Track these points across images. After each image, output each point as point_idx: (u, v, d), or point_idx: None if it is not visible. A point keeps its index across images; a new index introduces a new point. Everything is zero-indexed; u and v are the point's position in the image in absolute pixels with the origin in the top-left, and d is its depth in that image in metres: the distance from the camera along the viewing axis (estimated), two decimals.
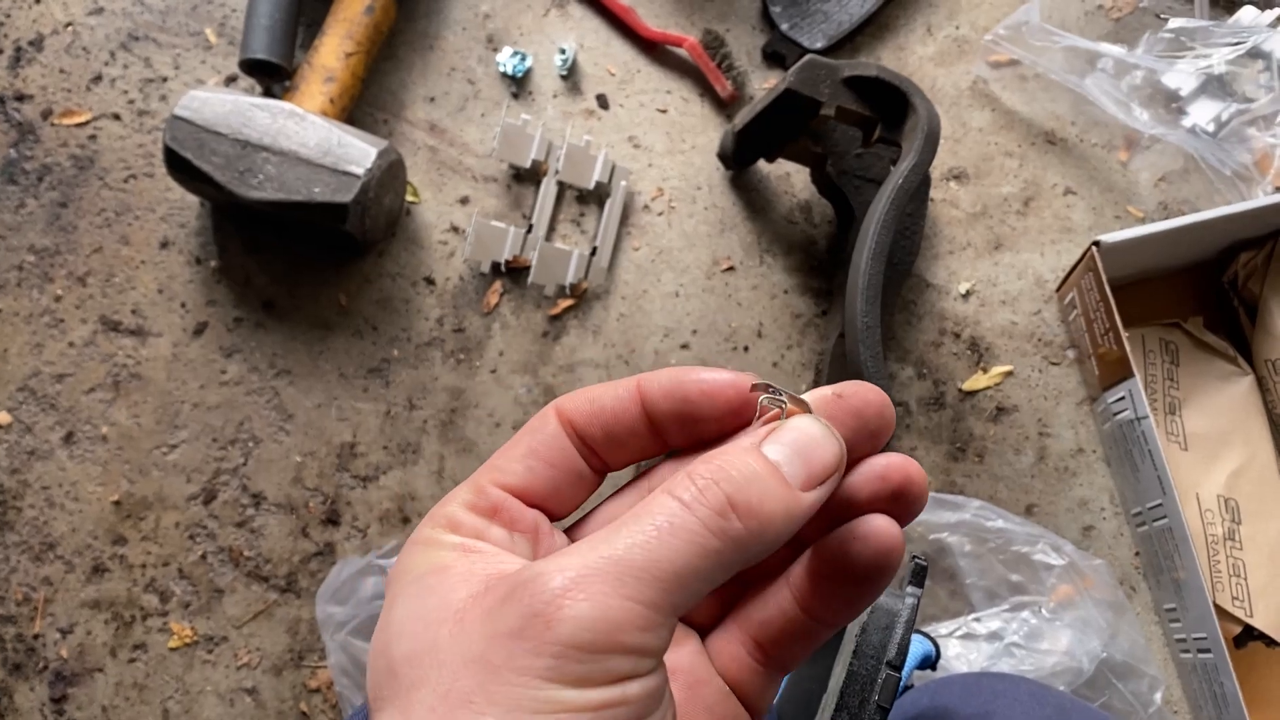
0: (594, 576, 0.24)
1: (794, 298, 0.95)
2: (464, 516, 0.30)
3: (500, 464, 0.31)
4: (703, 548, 0.25)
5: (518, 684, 0.23)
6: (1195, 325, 0.90)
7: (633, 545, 0.24)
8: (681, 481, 0.26)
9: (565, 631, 0.23)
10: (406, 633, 0.26)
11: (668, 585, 0.24)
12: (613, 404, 0.31)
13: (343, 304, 0.95)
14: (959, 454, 0.92)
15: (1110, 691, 0.84)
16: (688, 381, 0.30)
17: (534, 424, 0.31)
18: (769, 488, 0.26)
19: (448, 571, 0.27)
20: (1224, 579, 0.84)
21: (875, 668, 0.49)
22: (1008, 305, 0.95)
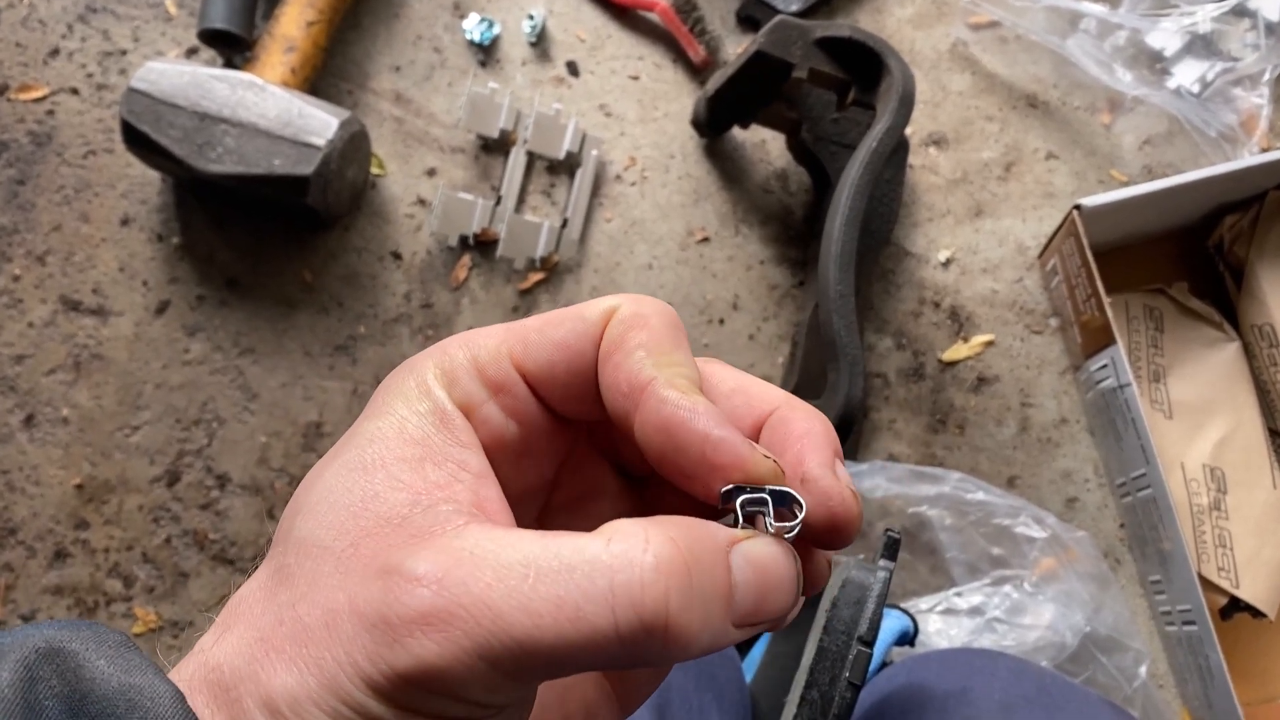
0: (459, 620, 0.21)
1: (770, 268, 0.93)
2: (466, 377, 0.26)
3: (531, 339, 0.27)
4: (601, 653, 0.21)
5: (344, 672, 0.22)
6: (1180, 291, 0.87)
7: (522, 610, 0.21)
8: (629, 552, 0.21)
9: (400, 661, 0.21)
10: (320, 511, 0.24)
11: (538, 667, 0.21)
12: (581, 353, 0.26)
13: (307, 280, 0.92)
14: (939, 426, 0.90)
15: (1094, 666, 0.82)
16: (699, 431, 0.24)
17: (585, 316, 0.26)
18: (714, 615, 0.22)
19: (398, 449, 0.25)
20: (1210, 550, 0.82)
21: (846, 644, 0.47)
22: (989, 273, 0.93)
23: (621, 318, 0.26)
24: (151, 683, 0.23)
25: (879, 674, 0.65)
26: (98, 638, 0.23)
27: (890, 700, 0.59)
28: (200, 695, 0.23)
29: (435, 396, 0.26)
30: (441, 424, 0.25)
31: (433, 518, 0.23)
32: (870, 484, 0.83)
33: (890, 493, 0.84)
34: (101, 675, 0.22)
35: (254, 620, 0.24)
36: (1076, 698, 0.57)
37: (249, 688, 0.23)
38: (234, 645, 0.23)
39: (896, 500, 0.84)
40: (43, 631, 0.23)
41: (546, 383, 0.27)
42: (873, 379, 0.91)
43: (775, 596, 0.23)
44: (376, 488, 0.24)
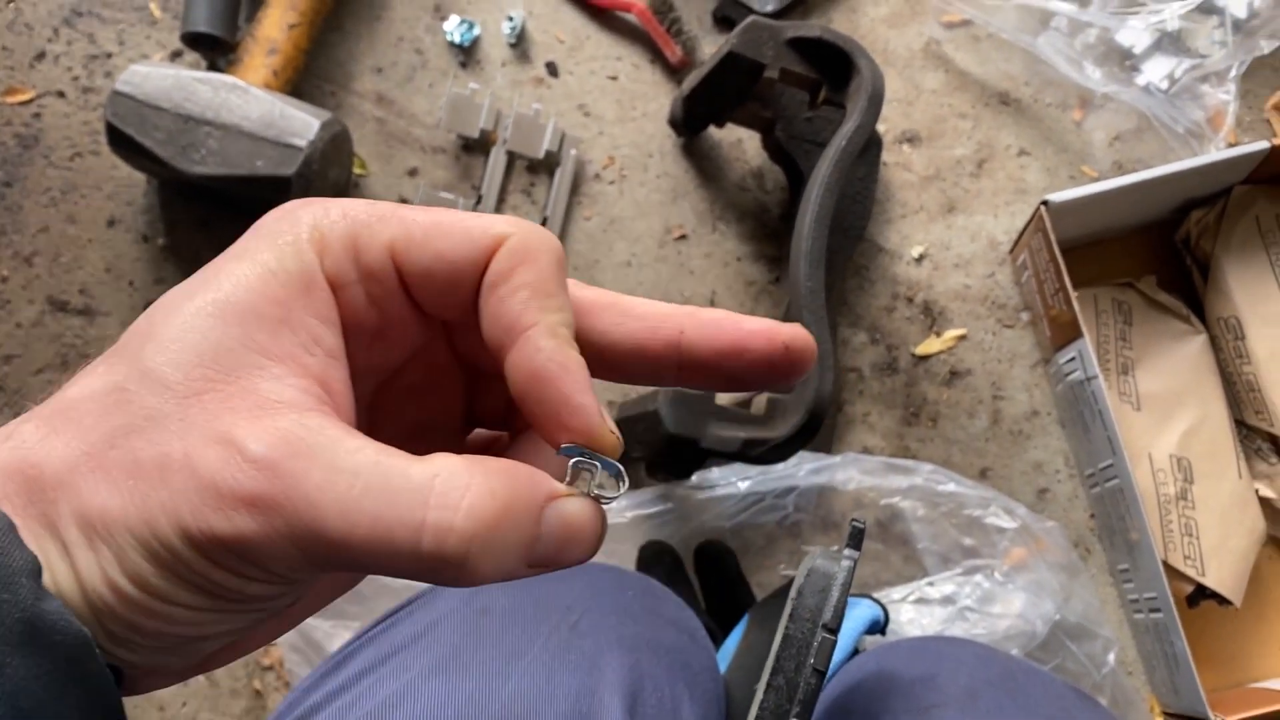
0: (282, 510, 0.22)
1: (747, 265, 0.95)
2: (341, 250, 0.26)
3: (415, 239, 0.26)
4: (397, 567, 0.23)
5: (163, 514, 0.23)
6: (1148, 284, 0.89)
7: (340, 516, 0.23)
8: (449, 495, 0.23)
9: (220, 527, 0.23)
10: (170, 341, 0.25)
11: (343, 562, 0.23)
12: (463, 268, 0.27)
13: None
14: (912, 419, 0.92)
15: (1064, 653, 0.84)
16: (559, 391, 0.26)
17: (472, 234, 0.26)
18: (507, 560, 0.24)
19: (258, 301, 0.25)
20: (1176, 538, 0.84)
21: (811, 631, 0.49)
22: (961, 268, 0.94)
23: (511, 248, 0.26)
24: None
25: (849, 662, 0.66)
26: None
27: (859, 687, 0.60)
28: (13, 484, 0.24)
29: (306, 259, 0.26)
30: (305, 290, 0.26)
31: (279, 389, 0.24)
32: (843, 476, 0.85)
33: (863, 485, 0.85)
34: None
35: (83, 433, 0.24)
36: (1041, 682, 0.58)
37: (67, 495, 0.24)
38: (59, 450, 0.24)
39: (870, 492, 0.86)
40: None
41: (418, 283, 0.27)
42: (847, 373, 0.92)
43: (574, 550, 0.25)
44: (230, 341, 0.24)
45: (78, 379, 0.26)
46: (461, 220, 0.27)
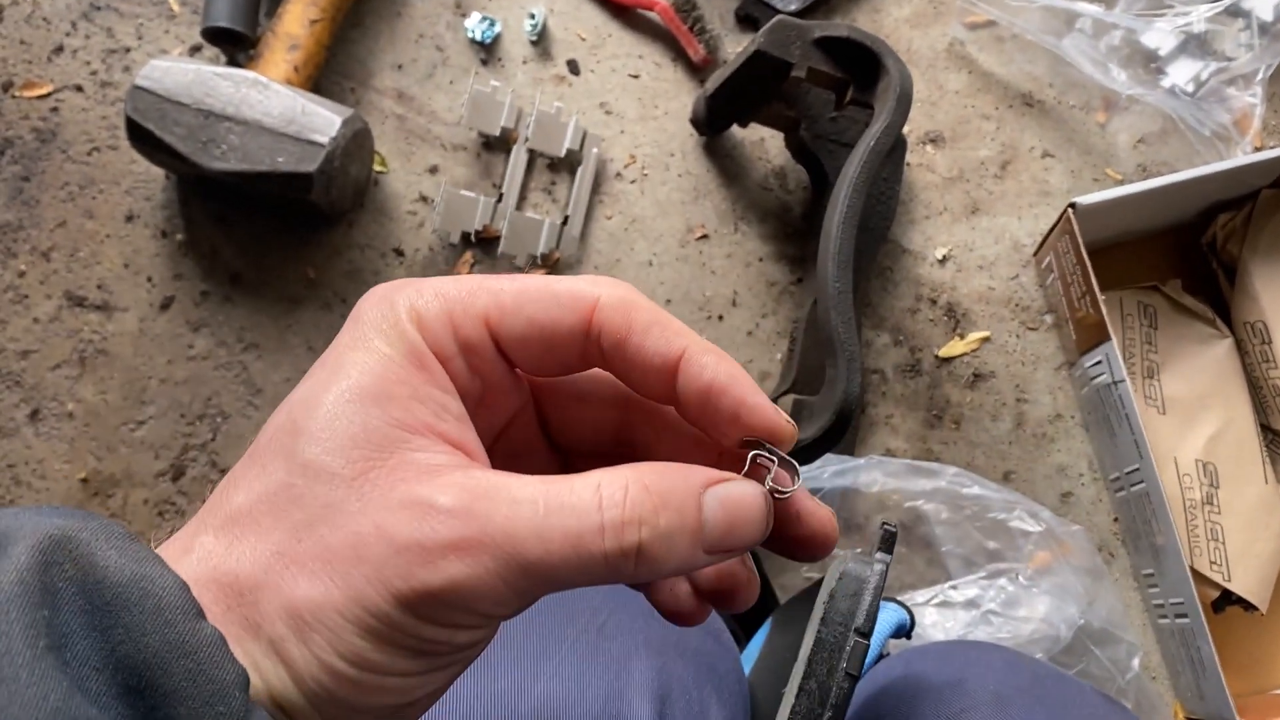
0: (486, 547, 0.25)
1: (769, 265, 0.94)
2: (439, 327, 0.28)
3: (507, 308, 0.29)
4: (588, 570, 0.26)
5: (373, 587, 0.25)
6: (1174, 288, 0.89)
7: (536, 538, 0.25)
8: (613, 493, 0.26)
9: (433, 580, 0.24)
10: (321, 436, 0.26)
11: (544, 583, 0.26)
12: (555, 332, 0.29)
13: (310, 276, 0.93)
14: (935, 421, 0.91)
15: (1088, 658, 0.83)
16: (734, 396, 0.28)
17: (560, 300, 0.29)
18: (679, 545, 0.27)
19: (384, 383, 0.27)
20: (1202, 544, 0.83)
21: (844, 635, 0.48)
22: (985, 270, 0.94)
23: (612, 304, 0.29)
24: (161, 573, 0.24)
25: (876, 665, 0.66)
26: (105, 529, 0.25)
27: (887, 691, 0.60)
28: (209, 594, 0.25)
29: (413, 339, 0.28)
30: (421, 367, 0.28)
31: (431, 457, 0.26)
32: (867, 478, 0.85)
33: (887, 487, 0.85)
34: (113, 564, 0.24)
35: (265, 534, 0.26)
36: (1069, 689, 0.58)
37: (268, 595, 0.25)
38: (248, 555, 0.26)
39: (893, 495, 0.85)
40: (51, 519, 0.24)
41: (515, 348, 0.29)
42: (870, 375, 0.92)
43: (744, 530, 0.28)
44: (376, 421, 0.26)
45: (233, 485, 0.27)
46: (547, 285, 0.29)
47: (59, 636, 0.22)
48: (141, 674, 0.23)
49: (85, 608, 0.23)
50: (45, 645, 0.22)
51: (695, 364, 0.28)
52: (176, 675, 0.23)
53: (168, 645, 0.23)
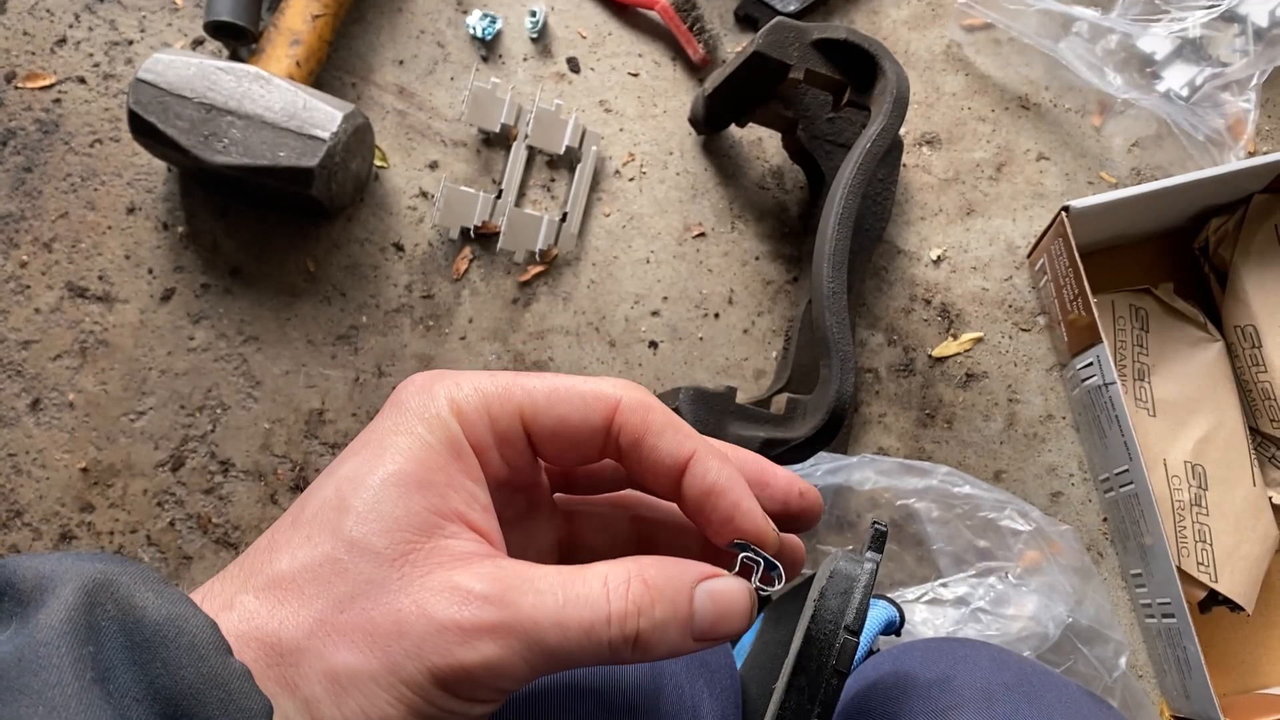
0: (516, 632, 0.28)
1: (765, 264, 0.95)
2: (477, 418, 0.31)
3: (540, 405, 0.32)
4: (594, 654, 0.29)
5: (412, 661, 0.27)
6: (1165, 291, 0.89)
7: (556, 626, 0.28)
8: (617, 586, 0.29)
9: (469, 659, 0.27)
10: (363, 513, 0.29)
11: (554, 663, 0.29)
12: (581, 428, 0.33)
13: (311, 270, 0.94)
14: (928, 420, 0.92)
15: (1075, 656, 0.84)
16: (730, 500, 0.33)
17: (586, 399, 0.32)
18: (671, 633, 0.30)
19: (422, 469, 0.30)
20: (1190, 545, 0.84)
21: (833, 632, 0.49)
22: (979, 271, 0.94)
23: (631, 406, 0.32)
24: (193, 613, 0.26)
25: (865, 662, 0.66)
26: (142, 573, 0.27)
27: (875, 687, 0.60)
28: (251, 651, 0.28)
29: (452, 430, 0.31)
30: (458, 457, 0.30)
31: (462, 545, 0.29)
32: (859, 476, 0.85)
33: (879, 485, 0.86)
34: (150, 605, 0.26)
35: (308, 601, 0.28)
36: (1055, 686, 0.58)
37: (309, 659, 0.27)
38: (291, 620, 0.28)
39: (885, 493, 0.86)
40: (93, 564, 0.27)
41: (544, 442, 0.33)
42: (864, 374, 0.93)
43: (730, 622, 0.31)
44: (417, 508, 0.29)
45: (276, 549, 0.30)
46: (575, 386, 0.32)
47: (103, 670, 0.24)
48: (178, 704, 0.25)
49: (126, 645, 0.25)
50: (91, 678, 0.24)
51: (701, 466, 0.32)
52: (209, 704, 0.25)
53: (201, 677, 0.25)
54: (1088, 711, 0.56)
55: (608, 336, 0.94)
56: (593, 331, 0.94)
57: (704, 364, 0.94)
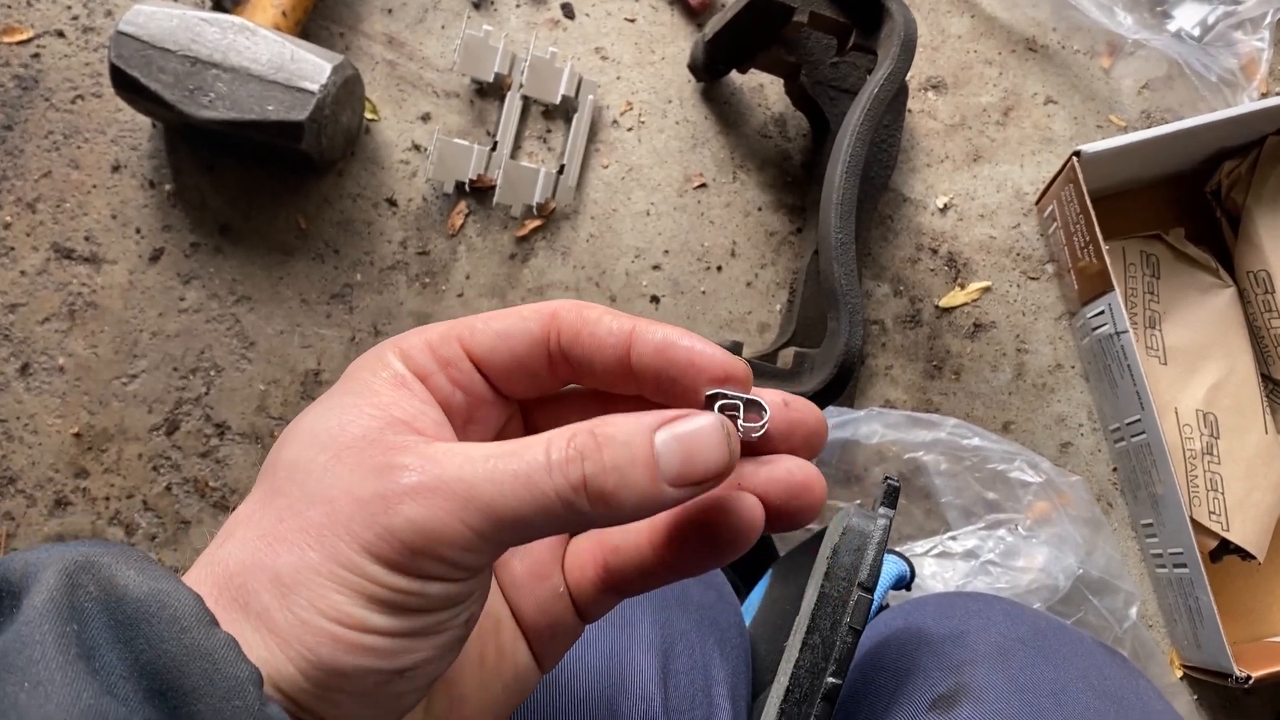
0: (442, 490, 0.26)
1: (768, 215, 0.93)
2: (419, 353, 0.31)
3: (477, 327, 0.32)
4: (545, 509, 0.27)
5: (344, 541, 0.26)
6: (1177, 237, 0.88)
7: (488, 480, 0.27)
8: (559, 439, 0.28)
9: (395, 523, 0.26)
10: (303, 441, 0.29)
11: (501, 525, 0.27)
12: (521, 340, 0.32)
13: (302, 227, 0.92)
14: (935, 372, 0.91)
15: (1086, 607, 0.83)
16: (684, 344, 0.30)
17: (524, 314, 0.32)
18: (631, 477, 0.28)
19: (367, 398, 0.29)
20: (1201, 493, 0.83)
21: (847, 589, 0.48)
22: (986, 219, 0.93)
23: (565, 308, 0.31)
24: (175, 587, 0.26)
25: (876, 618, 0.66)
26: (123, 553, 0.27)
27: (888, 643, 0.60)
28: (206, 588, 0.27)
29: (394, 367, 0.30)
30: (401, 385, 0.30)
31: (403, 439, 0.28)
32: (867, 430, 0.84)
33: (886, 439, 0.84)
34: (132, 582, 0.26)
35: (251, 528, 0.28)
36: (1070, 640, 0.58)
37: (254, 574, 0.27)
38: (237, 546, 0.28)
39: (893, 446, 0.85)
40: (75, 548, 0.26)
41: (487, 363, 0.32)
42: (870, 326, 0.91)
43: (703, 458, 0.28)
44: (351, 416, 0.29)
45: (237, 510, 0.30)
46: (517, 309, 0.32)
47: (87, 648, 0.24)
48: (164, 677, 0.24)
49: (109, 622, 0.25)
50: (76, 654, 0.24)
51: (645, 332, 0.30)
52: (195, 676, 0.25)
53: (185, 650, 0.25)
54: (1103, 664, 0.56)
55: (608, 291, 0.92)
56: (592, 286, 0.92)
57: (707, 318, 0.92)
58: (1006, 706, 0.51)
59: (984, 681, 0.52)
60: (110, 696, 0.24)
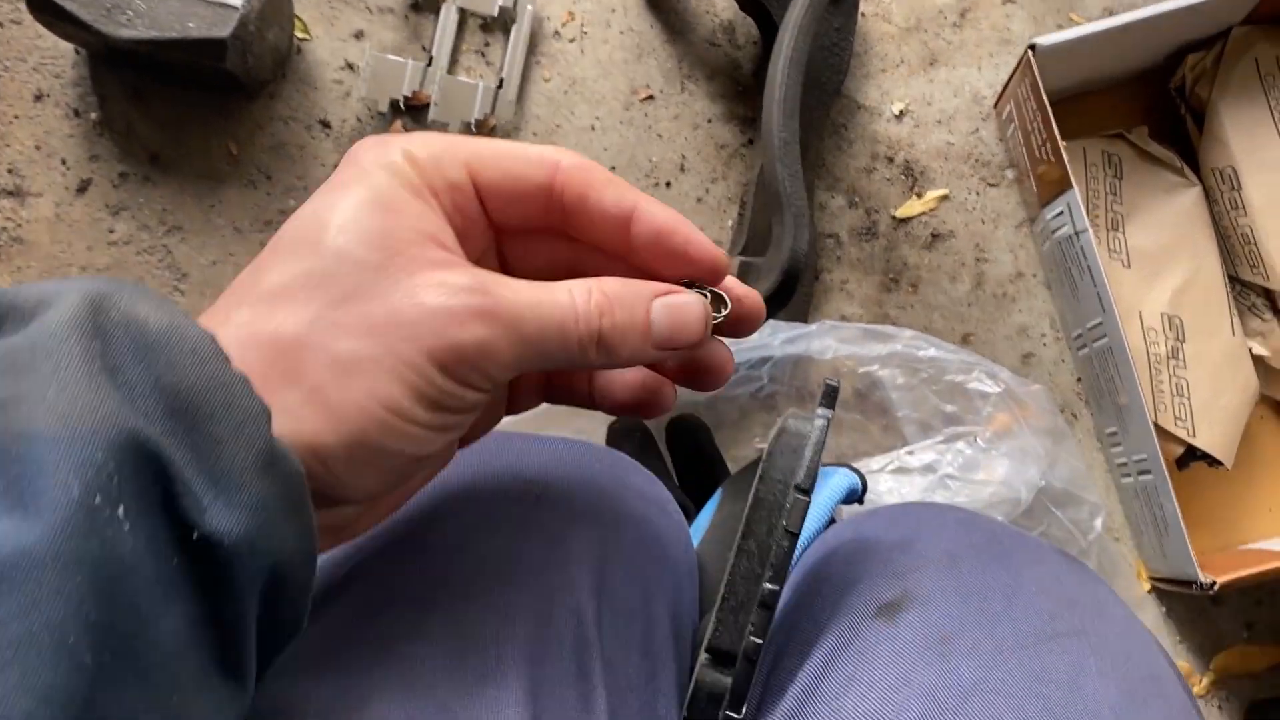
0: (501, 318, 0.30)
1: (718, 127, 0.89)
2: (430, 167, 0.32)
3: (485, 159, 0.33)
4: (566, 351, 0.32)
5: (408, 343, 0.29)
6: (1139, 135, 0.84)
7: (535, 318, 0.31)
8: (580, 292, 0.32)
9: (462, 338, 0.29)
10: (348, 234, 0.30)
11: (533, 356, 0.31)
12: (526, 185, 0.34)
13: (233, 153, 0.88)
14: (892, 285, 0.88)
15: (1049, 520, 0.81)
16: (683, 235, 0.34)
17: (529, 158, 0.34)
18: (629, 337, 0.33)
19: (399, 205, 0.31)
20: (1167, 399, 0.81)
21: (783, 492, 0.46)
22: (943, 125, 0.89)
23: (573, 166, 0.34)
24: (190, 324, 0.27)
25: (825, 531, 0.63)
26: (139, 289, 0.27)
27: (834, 554, 0.58)
28: (253, 353, 0.28)
29: (409, 174, 0.32)
30: (418, 195, 0.32)
31: (440, 255, 0.31)
32: (820, 345, 0.81)
33: (840, 353, 0.81)
34: (152, 316, 0.26)
35: (302, 307, 0.29)
36: (1027, 547, 0.55)
37: (312, 351, 0.29)
38: (289, 322, 0.29)
39: (847, 361, 0.82)
40: (91, 281, 0.27)
41: (488, 194, 0.34)
42: (824, 239, 0.88)
43: (686, 331, 0.34)
44: (391, 223, 0.30)
45: (261, 270, 0.30)
46: (520, 148, 0.34)
47: (111, 363, 0.25)
48: (184, 399, 0.25)
49: (132, 345, 0.25)
50: (100, 367, 0.24)
51: (648, 211, 0.34)
52: (213, 402, 0.26)
53: (204, 379, 0.26)
54: (1061, 572, 0.53)
55: None
56: None
57: None
58: (954, 610, 0.49)
59: (931, 587, 0.50)
60: (132, 407, 0.24)
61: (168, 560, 0.24)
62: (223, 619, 0.26)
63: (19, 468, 0.22)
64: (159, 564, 0.24)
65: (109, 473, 0.23)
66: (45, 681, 0.21)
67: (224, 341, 0.27)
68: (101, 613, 0.22)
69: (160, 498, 0.25)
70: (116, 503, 0.23)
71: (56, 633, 0.21)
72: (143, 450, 0.24)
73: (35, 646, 0.21)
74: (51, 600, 0.21)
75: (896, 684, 0.45)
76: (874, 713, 0.44)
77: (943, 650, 0.49)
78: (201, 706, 0.25)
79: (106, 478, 0.23)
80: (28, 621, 0.21)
